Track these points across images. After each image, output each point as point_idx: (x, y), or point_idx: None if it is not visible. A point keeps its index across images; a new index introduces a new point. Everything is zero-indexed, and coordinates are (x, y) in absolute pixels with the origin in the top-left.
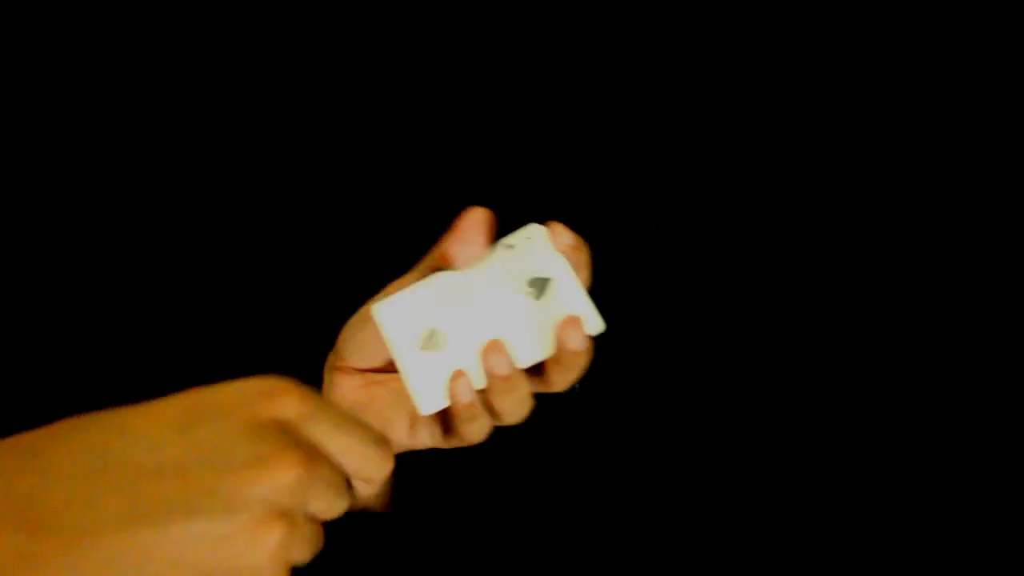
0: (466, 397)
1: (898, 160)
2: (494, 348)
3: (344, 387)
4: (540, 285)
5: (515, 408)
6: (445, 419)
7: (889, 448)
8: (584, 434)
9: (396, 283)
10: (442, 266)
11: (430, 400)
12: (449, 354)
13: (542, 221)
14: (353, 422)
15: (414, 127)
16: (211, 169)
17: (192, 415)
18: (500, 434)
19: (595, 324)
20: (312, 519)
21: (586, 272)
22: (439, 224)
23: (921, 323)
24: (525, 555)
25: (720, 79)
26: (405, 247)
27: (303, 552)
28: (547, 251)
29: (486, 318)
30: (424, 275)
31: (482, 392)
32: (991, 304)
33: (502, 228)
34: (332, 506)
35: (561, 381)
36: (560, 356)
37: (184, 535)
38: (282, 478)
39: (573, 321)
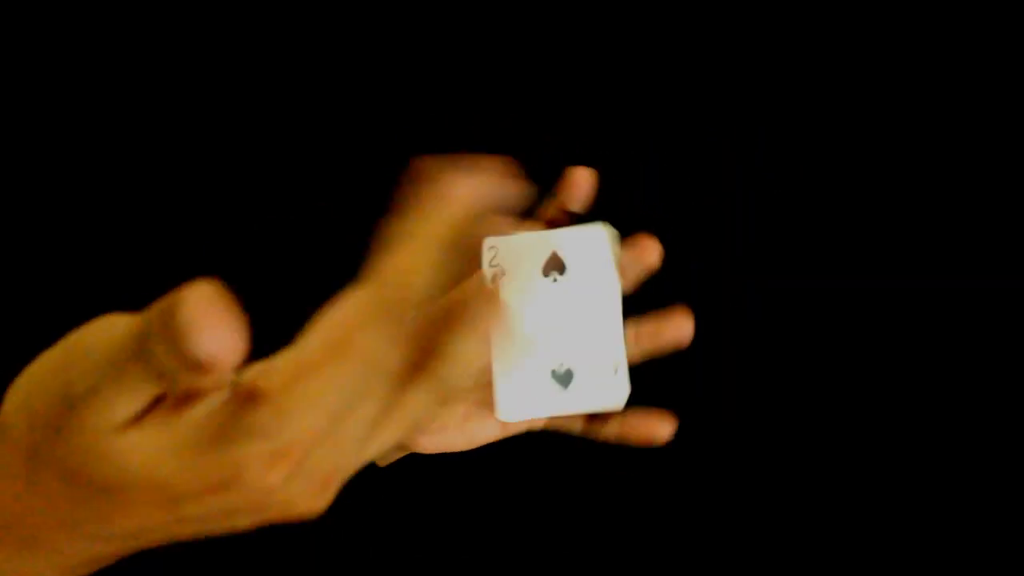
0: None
1: (898, 160)
2: None
3: None
4: (554, 264)
5: None
6: None
7: (889, 448)
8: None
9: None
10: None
11: (617, 400)
12: (580, 377)
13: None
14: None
15: (414, 127)
16: (211, 169)
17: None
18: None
19: (614, 248)
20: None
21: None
22: None
23: (921, 323)
24: (524, 555)
25: (720, 79)
26: None
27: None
28: (530, 235)
29: (562, 327)
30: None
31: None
32: (991, 304)
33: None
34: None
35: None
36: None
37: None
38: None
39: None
